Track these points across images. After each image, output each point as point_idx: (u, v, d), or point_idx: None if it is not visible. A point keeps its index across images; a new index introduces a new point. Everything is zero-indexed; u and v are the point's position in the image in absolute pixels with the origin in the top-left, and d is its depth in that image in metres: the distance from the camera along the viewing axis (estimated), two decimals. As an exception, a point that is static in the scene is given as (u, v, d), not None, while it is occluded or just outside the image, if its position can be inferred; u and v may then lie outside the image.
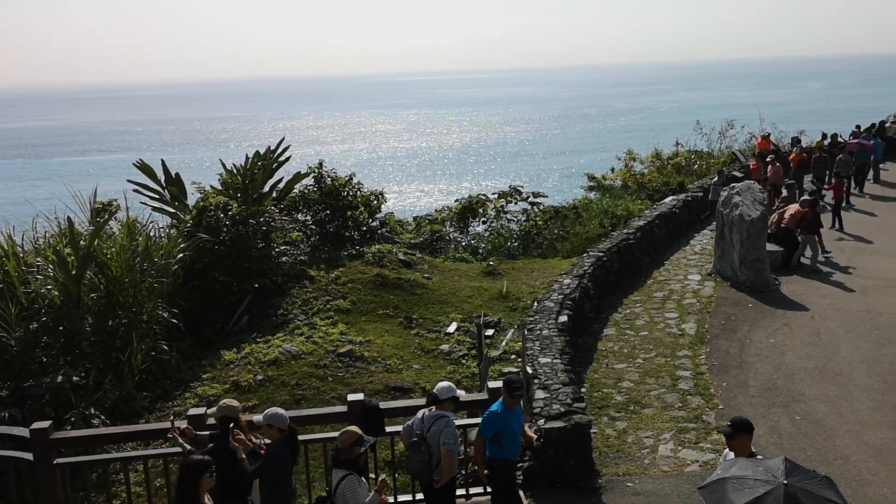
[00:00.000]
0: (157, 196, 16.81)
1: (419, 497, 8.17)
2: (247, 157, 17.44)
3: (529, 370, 10.22)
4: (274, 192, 17.72)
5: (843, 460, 9.05)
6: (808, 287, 15.44)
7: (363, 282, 15.52)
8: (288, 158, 18.05)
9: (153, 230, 14.61)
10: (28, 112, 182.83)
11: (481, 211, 23.21)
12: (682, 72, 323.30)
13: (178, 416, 10.02)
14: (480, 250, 21.83)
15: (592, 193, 26.04)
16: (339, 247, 18.12)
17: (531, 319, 12.24)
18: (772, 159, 22.29)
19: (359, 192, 19.08)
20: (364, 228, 19.12)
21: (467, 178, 65.62)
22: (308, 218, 18.72)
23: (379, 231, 19.50)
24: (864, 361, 11.83)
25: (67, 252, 12.36)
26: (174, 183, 16.95)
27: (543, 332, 11.59)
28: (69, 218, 13.00)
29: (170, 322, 13.12)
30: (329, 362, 12.31)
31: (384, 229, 19.76)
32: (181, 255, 13.94)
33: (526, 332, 11.67)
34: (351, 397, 8.02)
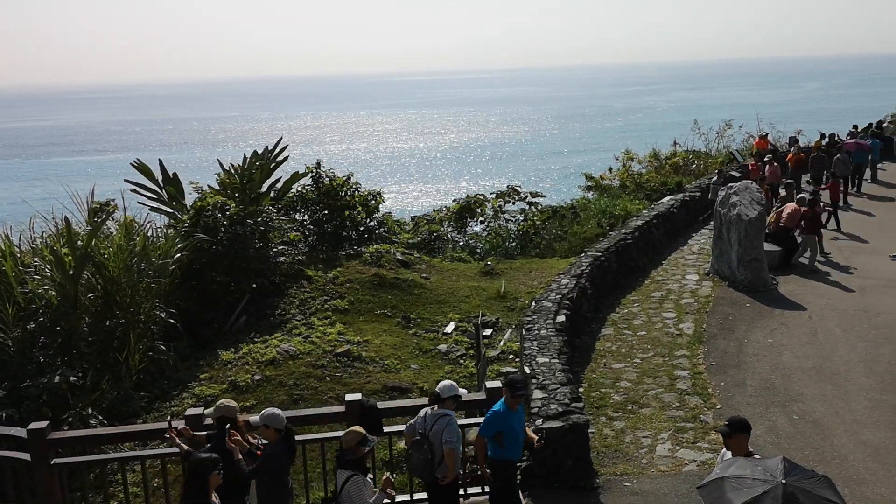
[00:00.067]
0: (155, 196, 16.79)
1: (417, 497, 8.16)
2: (244, 157, 17.40)
3: (527, 370, 10.22)
4: (272, 192, 17.69)
5: (841, 460, 9.06)
6: (805, 287, 15.45)
7: (361, 282, 15.51)
8: (286, 158, 18.01)
9: (151, 230, 14.59)
10: (27, 112, 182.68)
11: (479, 211, 23.20)
12: (681, 71, 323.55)
13: (175, 417, 10.02)
14: (478, 250, 21.81)
15: (590, 193, 26.02)
16: (337, 247, 18.09)
17: (529, 319, 12.24)
18: (769, 159, 22.32)
19: (357, 192, 19.04)
20: (362, 228, 19.09)
21: (465, 177, 65.65)
22: (306, 218, 18.69)
23: (377, 231, 19.47)
24: (861, 361, 11.84)
25: (65, 252, 12.33)
26: (172, 183, 16.93)
27: (541, 331, 11.60)
28: (66, 218, 12.98)
29: (167, 322, 13.10)
30: (327, 362, 12.29)
31: (382, 229, 19.74)
32: (179, 255, 13.91)
33: (524, 332, 11.67)
34: (349, 397, 8.02)
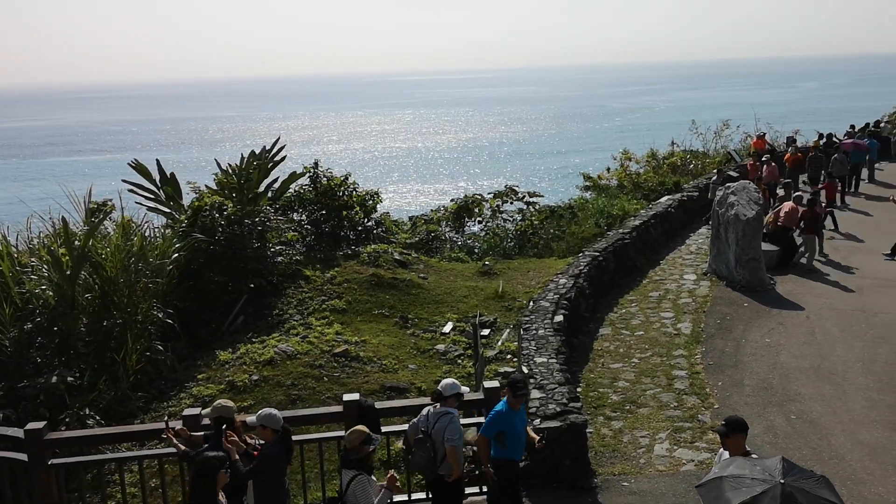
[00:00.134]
0: (152, 196, 16.76)
1: (416, 497, 8.16)
2: (242, 157, 17.37)
3: (525, 370, 10.22)
4: (269, 192, 17.66)
5: (839, 459, 9.07)
6: (803, 286, 15.46)
7: (359, 282, 15.49)
8: (283, 158, 17.99)
9: (148, 230, 14.56)
10: (26, 112, 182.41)
11: (477, 211, 23.18)
12: (679, 71, 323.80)
13: (173, 417, 10.00)
14: (476, 250, 21.79)
15: (588, 193, 26.01)
16: (335, 247, 18.07)
17: (527, 319, 12.25)
18: (767, 159, 22.34)
19: (354, 192, 19.01)
20: (360, 228, 19.07)
21: (463, 177, 65.62)
22: (303, 218, 18.67)
23: (374, 231, 19.45)
24: (858, 361, 11.85)
25: (62, 252, 12.30)
26: (169, 183, 16.90)
27: (539, 331, 11.60)
28: (64, 218, 12.94)
29: (165, 322, 13.08)
30: (325, 362, 12.27)
31: (380, 229, 19.72)
32: (176, 255, 13.89)
33: (522, 332, 11.67)
34: (346, 397, 8.02)
